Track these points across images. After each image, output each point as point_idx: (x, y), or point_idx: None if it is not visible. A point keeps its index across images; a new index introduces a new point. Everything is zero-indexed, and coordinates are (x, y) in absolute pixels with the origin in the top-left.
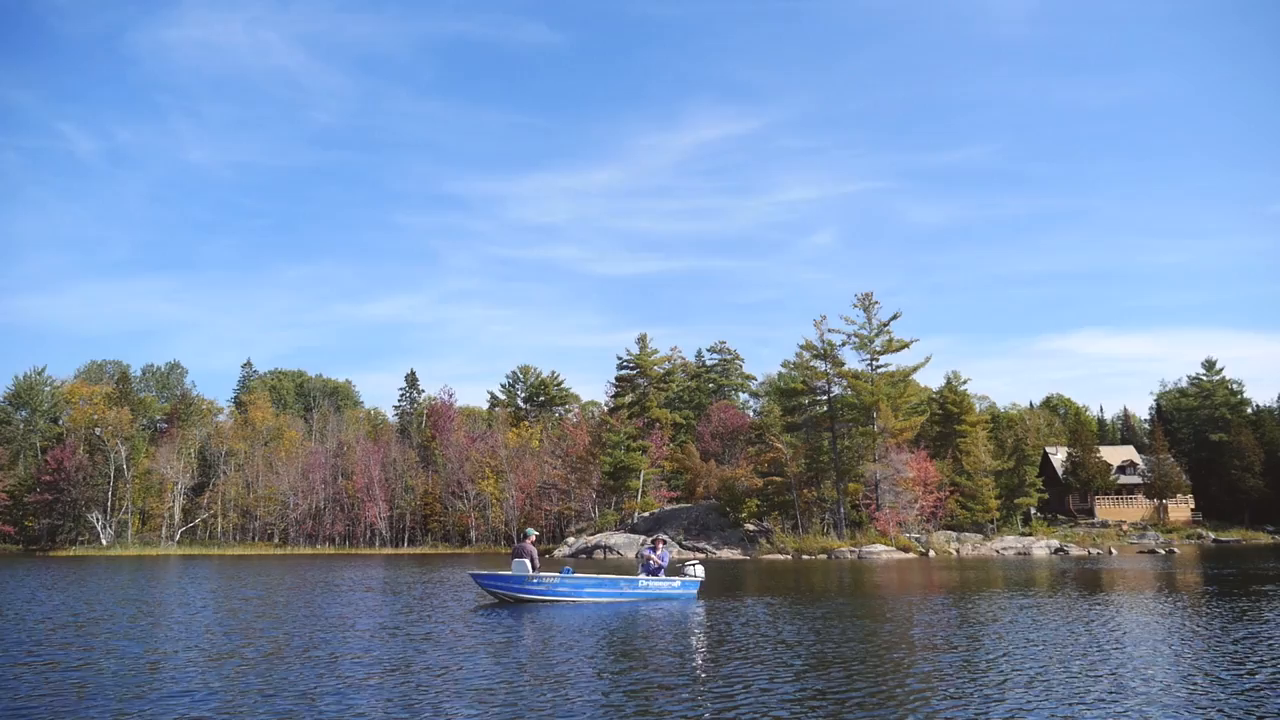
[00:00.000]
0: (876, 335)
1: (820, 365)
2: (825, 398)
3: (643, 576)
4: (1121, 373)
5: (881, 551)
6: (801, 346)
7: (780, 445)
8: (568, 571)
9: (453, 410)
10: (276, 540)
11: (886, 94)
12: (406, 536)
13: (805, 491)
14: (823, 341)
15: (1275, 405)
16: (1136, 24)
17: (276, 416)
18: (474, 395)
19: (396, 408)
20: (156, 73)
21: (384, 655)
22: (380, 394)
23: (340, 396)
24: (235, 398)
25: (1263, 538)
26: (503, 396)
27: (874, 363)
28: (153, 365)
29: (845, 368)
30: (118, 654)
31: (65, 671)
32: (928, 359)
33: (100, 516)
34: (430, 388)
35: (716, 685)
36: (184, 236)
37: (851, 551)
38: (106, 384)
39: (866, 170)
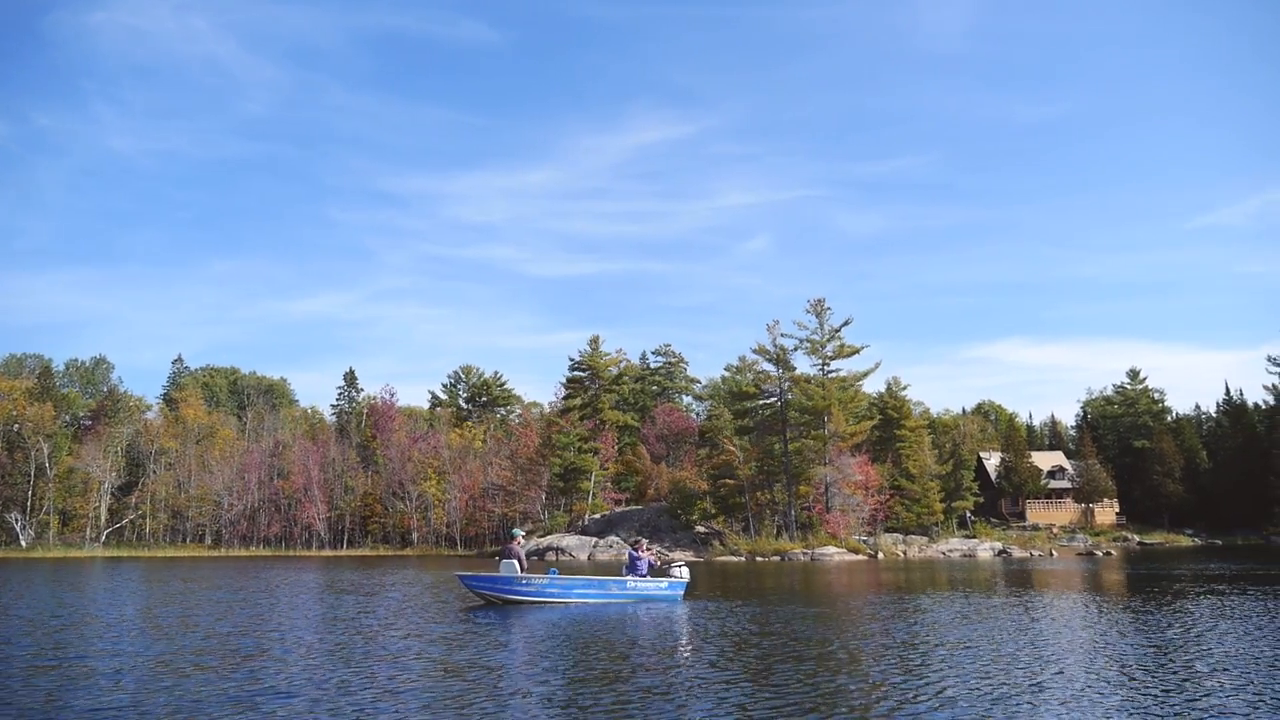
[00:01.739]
0: (828, 340)
1: (772, 369)
2: (777, 402)
3: (630, 578)
4: (1043, 380)
5: (834, 553)
6: (754, 350)
7: (733, 448)
8: (554, 573)
9: (394, 410)
10: (209, 542)
11: (822, 103)
12: (346, 538)
13: (757, 494)
14: (775, 346)
15: (1193, 414)
16: (1063, 44)
17: (209, 414)
18: (409, 395)
19: (334, 406)
20: (79, 57)
21: (381, 657)
22: (314, 392)
23: (275, 395)
24: (165, 395)
25: (1184, 540)
26: (444, 397)
27: (825, 367)
28: (77, 360)
29: (797, 372)
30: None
31: None
32: (878, 364)
33: (20, 517)
34: (365, 386)
35: (718, 685)
36: (105, 227)
37: (804, 553)
38: (27, 378)
39: (802, 178)
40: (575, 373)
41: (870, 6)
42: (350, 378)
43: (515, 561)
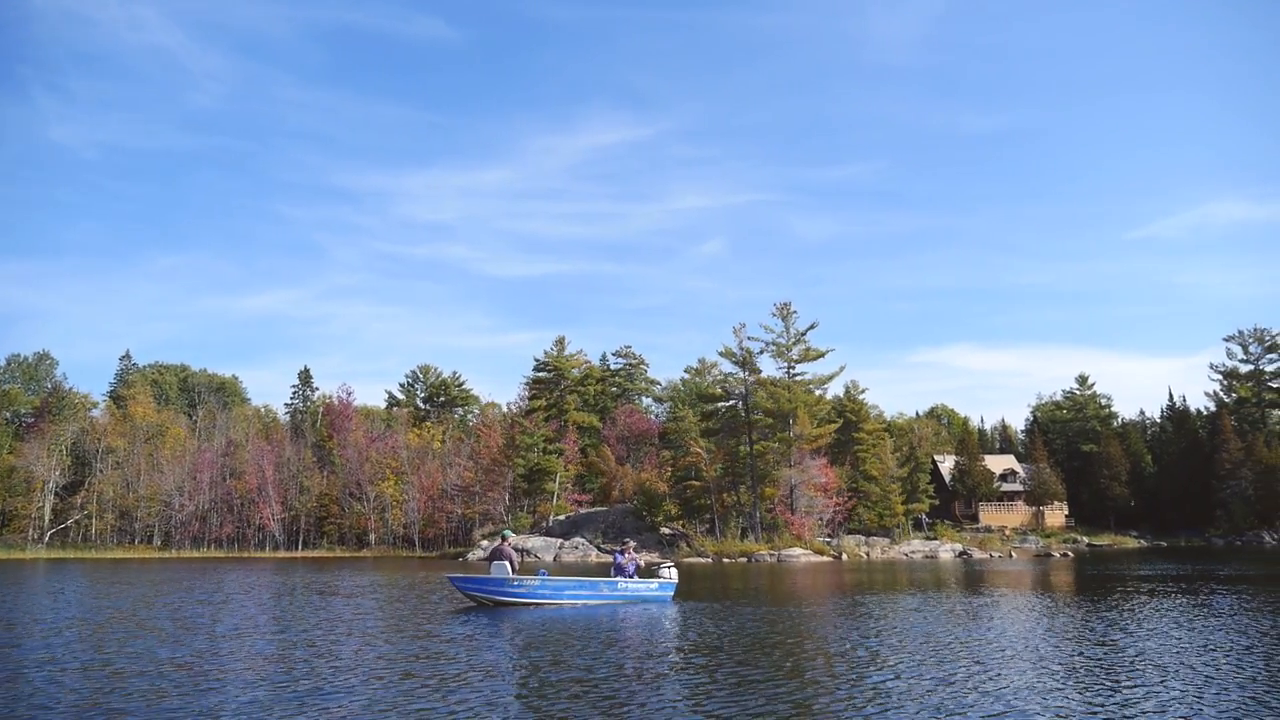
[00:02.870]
0: (794, 344)
1: (738, 372)
2: (744, 404)
3: (620, 579)
4: (991, 385)
5: (800, 555)
6: (721, 353)
7: (699, 450)
8: (543, 574)
9: (351, 409)
10: (158, 543)
11: (776, 109)
12: (301, 539)
13: (723, 496)
14: (741, 349)
15: (1138, 419)
16: (1010, 57)
17: (159, 412)
18: (361, 394)
19: (288, 405)
20: (17, 42)
21: (375, 658)
22: (265, 390)
23: (227, 393)
24: (112, 392)
25: (1130, 542)
26: (402, 396)
27: (791, 370)
28: (19, 355)
29: (763, 375)
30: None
31: None
32: (842, 368)
33: None
34: (319, 385)
35: (716, 686)
36: (45, 219)
37: (771, 555)
38: None
39: (756, 182)
40: (540, 373)
41: (823, 15)
42: (305, 376)
43: (507, 563)
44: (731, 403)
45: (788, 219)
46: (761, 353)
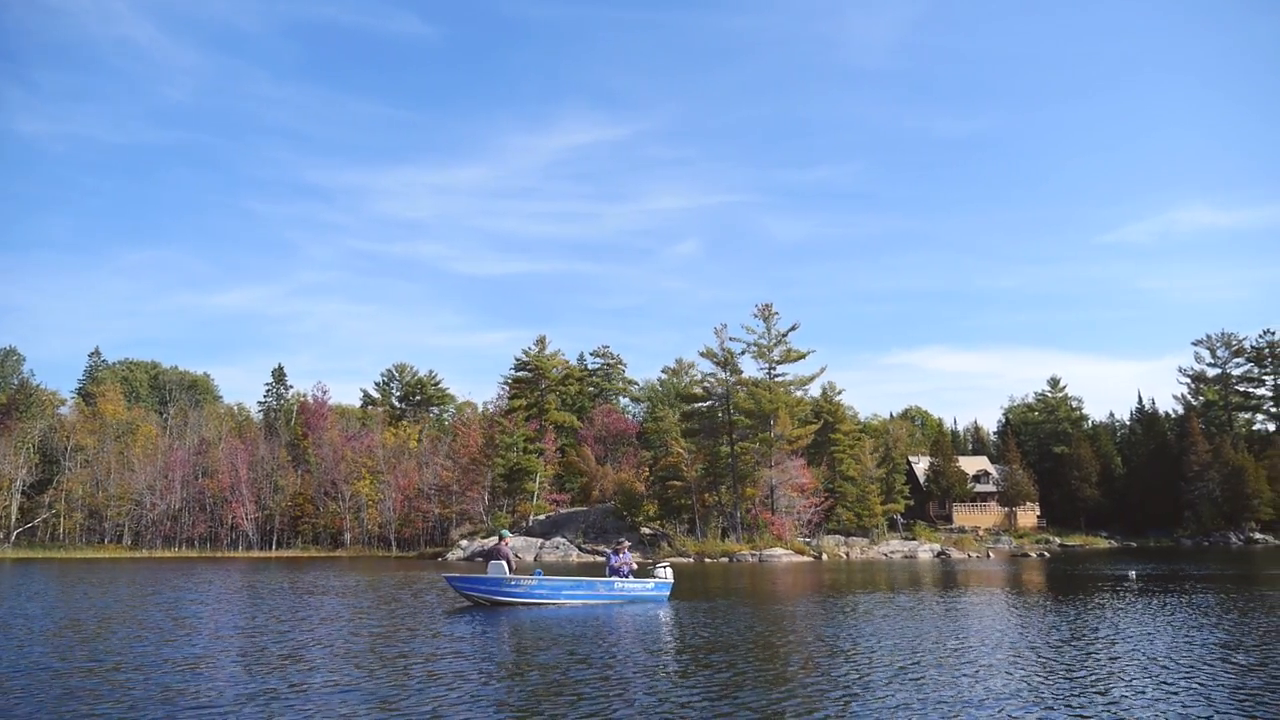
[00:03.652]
0: (775, 345)
1: (720, 372)
2: (723, 404)
3: (616, 579)
4: (962, 387)
5: (781, 555)
6: (702, 353)
7: (681, 450)
8: (539, 574)
9: (326, 408)
10: (128, 542)
11: (752, 111)
12: (275, 539)
13: (704, 496)
14: (722, 349)
15: (1108, 421)
16: (983, 63)
17: (129, 410)
18: (335, 392)
19: (262, 404)
20: None
21: (370, 660)
22: (237, 388)
23: (199, 390)
24: (81, 389)
25: (1101, 542)
26: (377, 395)
27: (772, 371)
28: None
29: (745, 375)
30: None
31: None
32: (823, 369)
33: None
34: (293, 384)
35: (715, 687)
36: (11, 212)
37: (753, 555)
38: None
39: (732, 183)
40: (520, 373)
41: (800, 18)
42: (279, 374)
43: (504, 562)
44: (712, 403)
45: (763, 220)
46: (743, 353)
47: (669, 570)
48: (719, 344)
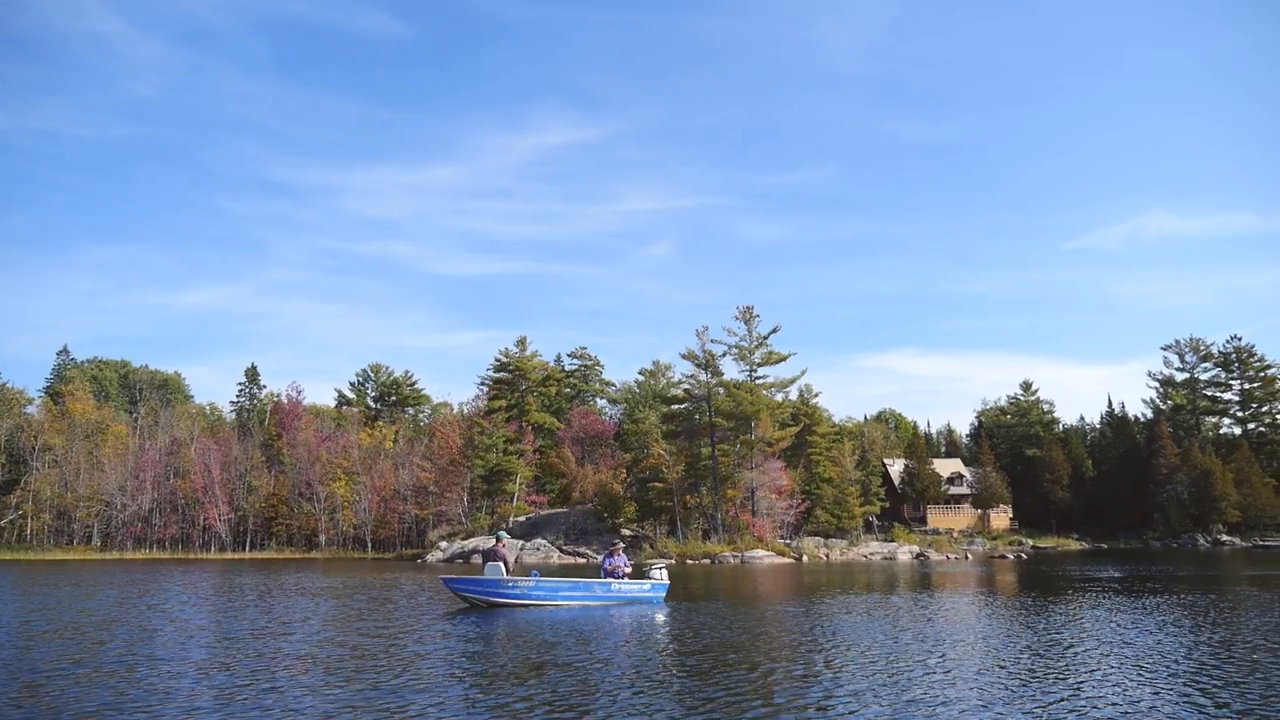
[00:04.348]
0: (756, 347)
1: (700, 374)
2: (706, 406)
3: (613, 580)
4: (933, 390)
5: (763, 556)
6: (683, 355)
7: (663, 452)
8: (535, 574)
9: (301, 408)
10: (97, 544)
11: (726, 113)
12: (249, 540)
13: (686, 498)
14: (704, 351)
15: (1078, 425)
16: (954, 69)
17: (98, 409)
18: (308, 392)
19: (234, 403)
20: None
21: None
22: (207, 387)
23: (170, 390)
24: (49, 387)
25: (1073, 544)
26: (352, 395)
27: (753, 374)
28: None
29: (725, 377)
30: None
31: None
32: (803, 371)
33: None
34: (266, 383)
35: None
36: None
37: (734, 557)
38: None
39: (705, 185)
40: (501, 373)
41: (773, 23)
42: (252, 373)
43: (501, 564)
44: (690, 404)
45: (736, 223)
46: (724, 356)
47: (664, 571)
48: (700, 346)
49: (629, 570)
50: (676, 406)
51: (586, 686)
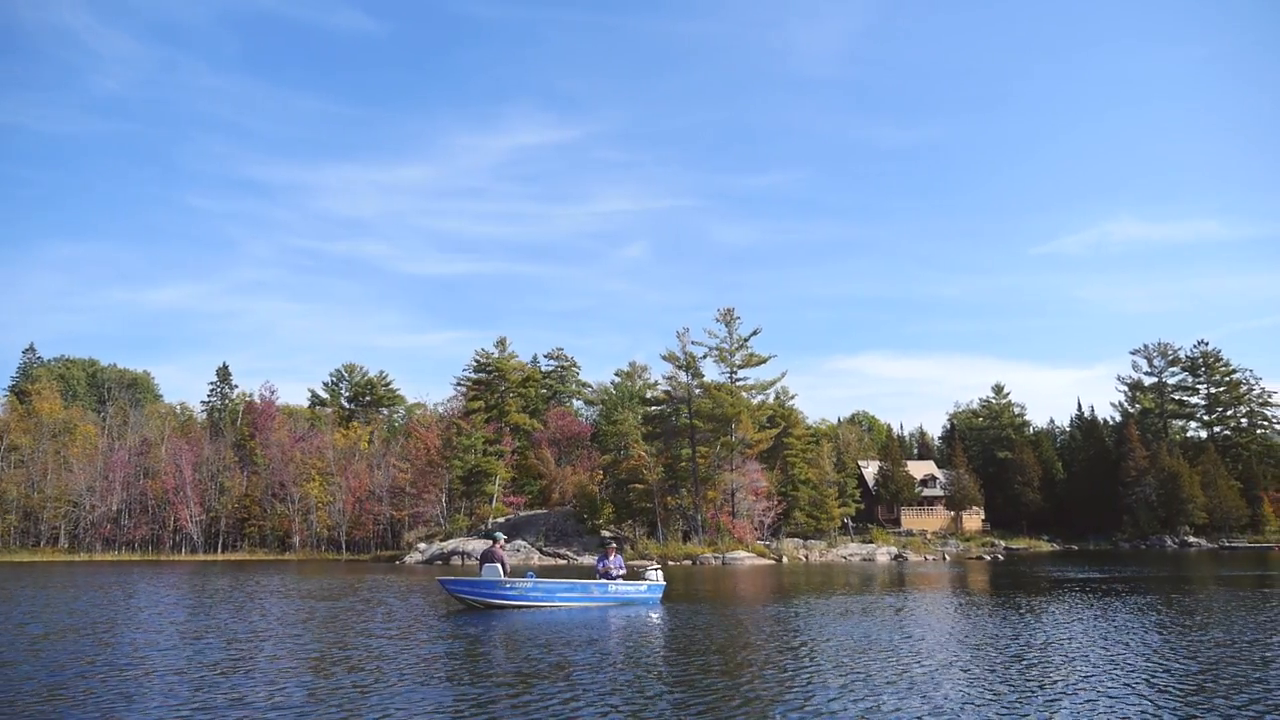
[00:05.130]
0: (737, 349)
1: (680, 375)
2: (687, 408)
3: (610, 581)
4: (904, 393)
5: (744, 558)
6: (664, 357)
7: (642, 453)
8: (531, 575)
9: (274, 408)
10: (65, 545)
11: (701, 116)
12: (221, 541)
13: (666, 499)
14: (684, 353)
15: (1048, 427)
16: (926, 75)
17: (66, 408)
18: (280, 392)
19: (205, 403)
20: None
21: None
22: (176, 387)
23: (139, 389)
24: (14, 386)
25: (1044, 546)
26: (326, 396)
27: (734, 376)
28: None
29: (706, 379)
30: None
31: None
32: (783, 374)
33: None
34: (238, 383)
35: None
36: None
37: (716, 558)
38: None
39: (679, 187)
40: (479, 374)
41: (746, 27)
42: (223, 373)
43: (498, 565)
44: (668, 406)
45: (709, 225)
46: (705, 357)
47: (660, 572)
48: (681, 347)
49: (624, 571)
50: (655, 408)
51: (588, 687)
